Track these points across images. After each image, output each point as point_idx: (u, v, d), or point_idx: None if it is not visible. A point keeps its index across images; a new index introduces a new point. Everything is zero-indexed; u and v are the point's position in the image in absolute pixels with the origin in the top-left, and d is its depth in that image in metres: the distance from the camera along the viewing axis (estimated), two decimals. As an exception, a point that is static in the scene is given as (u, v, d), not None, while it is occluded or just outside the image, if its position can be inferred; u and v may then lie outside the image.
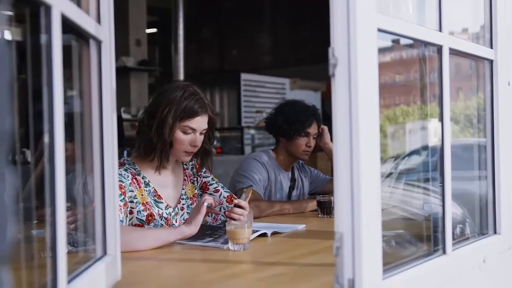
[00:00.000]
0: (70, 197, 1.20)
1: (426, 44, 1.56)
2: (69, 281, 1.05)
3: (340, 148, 1.18)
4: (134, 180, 2.17)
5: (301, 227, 2.35)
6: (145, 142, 2.19)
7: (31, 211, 1.26)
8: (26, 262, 1.16)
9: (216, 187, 2.40)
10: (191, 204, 2.33)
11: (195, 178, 2.39)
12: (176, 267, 1.76)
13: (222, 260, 1.78)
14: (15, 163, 1.04)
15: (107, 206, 1.34)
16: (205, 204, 1.99)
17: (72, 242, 1.32)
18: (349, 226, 1.17)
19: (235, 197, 2.31)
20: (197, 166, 2.41)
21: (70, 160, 1.19)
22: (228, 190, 2.41)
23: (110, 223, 1.35)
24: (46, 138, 0.97)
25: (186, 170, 2.38)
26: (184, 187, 2.34)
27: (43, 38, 0.96)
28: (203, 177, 2.41)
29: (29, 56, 1.02)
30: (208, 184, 2.40)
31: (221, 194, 2.37)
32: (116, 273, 1.38)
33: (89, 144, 1.32)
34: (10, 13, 0.75)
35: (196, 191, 2.38)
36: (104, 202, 1.34)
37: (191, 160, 2.34)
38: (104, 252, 1.34)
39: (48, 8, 0.95)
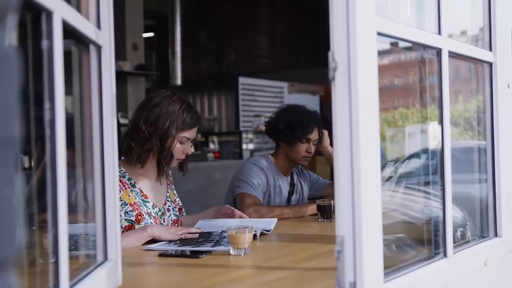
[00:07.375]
0: (70, 203, 1.20)
1: (426, 47, 1.56)
2: (71, 287, 1.05)
3: (341, 151, 1.18)
4: (119, 182, 2.19)
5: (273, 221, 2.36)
6: (145, 151, 2.25)
7: (31, 217, 1.26)
8: (26, 268, 1.15)
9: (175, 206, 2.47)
10: (174, 207, 2.43)
11: (173, 186, 2.49)
12: (177, 272, 1.75)
13: (223, 265, 1.78)
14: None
15: (108, 211, 1.34)
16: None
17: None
18: (350, 229, 1.17)
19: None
20: (171, 180, 2.50)
21: (70, 166, 1.19)
22: (177, 214, 2.44)
23: (111, 228, 1.35)
24: (47, 144, 0.97)
25: (168, 176, 2.47)
26: (168, 190, 2.44)
27: (44, 43, 0.96)
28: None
29: (30, 61, 1.02)
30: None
31: (170, 216, 2.40)
32: (117, 279, 1.38)
33: (89, 149, 1.32)
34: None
35: (176, 198, 2.47)
36: (105, 207, 1.33)
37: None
38: (105, 258, 1.34)
39: (49, 14, 0.94)
